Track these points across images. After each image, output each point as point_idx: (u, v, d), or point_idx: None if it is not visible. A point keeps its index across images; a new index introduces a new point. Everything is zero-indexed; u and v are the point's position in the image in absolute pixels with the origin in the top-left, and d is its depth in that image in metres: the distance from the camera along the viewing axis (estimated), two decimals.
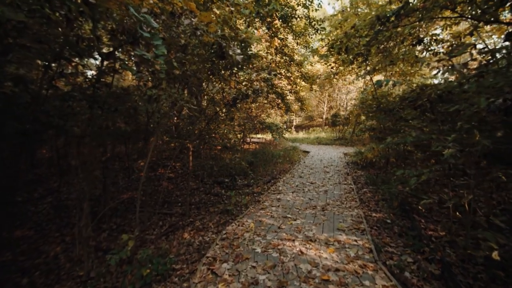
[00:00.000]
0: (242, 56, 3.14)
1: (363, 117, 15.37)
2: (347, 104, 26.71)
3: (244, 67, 5.16)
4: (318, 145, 18.29)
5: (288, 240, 3.36)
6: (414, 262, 3.28)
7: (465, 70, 3.32)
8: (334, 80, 17.38)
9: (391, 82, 3.18)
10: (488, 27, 8.99)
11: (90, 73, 4.63)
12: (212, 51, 3.74)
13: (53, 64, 3.90)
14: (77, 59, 3.71)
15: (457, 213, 3.15)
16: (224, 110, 6.03)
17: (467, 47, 3.20)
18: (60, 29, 3.24)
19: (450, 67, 3.07)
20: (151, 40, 2.23)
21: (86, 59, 3.86)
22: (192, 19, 2.86)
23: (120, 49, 3.93)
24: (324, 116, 28.87)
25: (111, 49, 3.84)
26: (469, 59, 3.23)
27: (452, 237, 3.81)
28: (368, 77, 8.78)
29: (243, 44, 3.91)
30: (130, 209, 5.94)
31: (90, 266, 3.61)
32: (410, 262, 3.27)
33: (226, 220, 4.91)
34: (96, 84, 3.80)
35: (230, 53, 3.11)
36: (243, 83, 6.38)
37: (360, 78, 18.73)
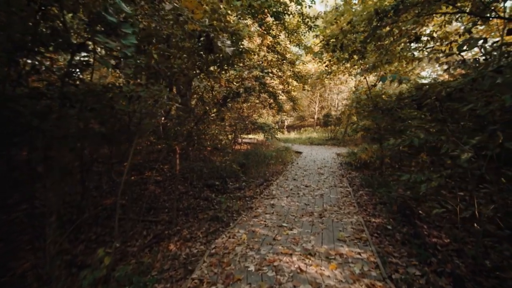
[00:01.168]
0: (232, 49, 2.78)
1: (354, 118, 15.25)
2: (338, 104, 26.71)
3: (235, 63, 4.79)
4: (310, 146, 18.09)
5: (284, 255, 3.01)
6: (422, 275, 3.00)
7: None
8: (326, 80, 17.24)
9: (397, 79, 2.90)
10: (479, 28, 8.95)
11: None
12: (200, 44, 3.37)
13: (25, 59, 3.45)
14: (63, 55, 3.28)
15: (475, 225, 2.87)
16: (214, 110, 5.65)
17: (477, 41, 2.94)
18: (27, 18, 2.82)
19: (461, 63, 2.80)
20: (119, 27, 1.84)
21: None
22: (176, 4, 2.48)
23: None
24: (315, 116, 28.77)
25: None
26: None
27: (459, 245, 3.56)
28: (361, 77, 8.56)
29: (233, 37, 3.55)
30: (113, 216, 5.47)
31: (60, 287, 3.17)
32: (418, 276, 2.99)
33: (216, 228, 4.54)
34: (69, 80, 3.36)
35: (219, 44, 2.74)
36: (234, 81, 6.02)
37: (352, 78, 18.67)
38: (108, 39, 1.80)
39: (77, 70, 3.48)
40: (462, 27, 7.03)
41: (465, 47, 2.93)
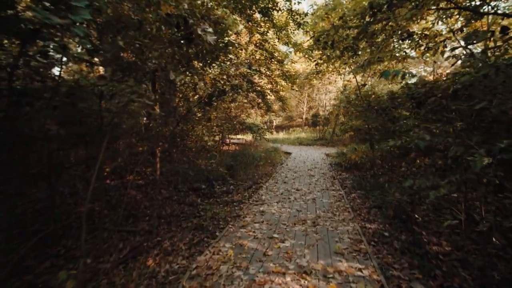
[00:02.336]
0: (214, 38, 2.40)
1: (342, 118, 15.17)
2: (326, 104, 26.73)
3: (221, 59, 4.39)
4: (299, 146, 17.90)
5: (277, 274, 2.64)
6: None
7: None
8: (314, 80, 17.07)
9: (401, 73, 2.61)
10: (464, 30, 8.95)
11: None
12: (179, 34, 2.96)
13: None
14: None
15: (493, 239, 2.61)
16: (198, 109, 5.23)
17: (485, 34, 2.68)
18: None
19: (469, 57, 2.54)
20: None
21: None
22: None
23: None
24: (304, 116, 28.72)
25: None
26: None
27: (462, 254, 3.32)
28: (355, 74, 8.35)
29: (217, 27, 3.16)
30: (88, 226, 4.94)
31: None
32: None
33: (201, 238, 4.14)
34: (34, 75, 2.89)
35: (199, 32, 2.35)
36: (221, 80, 5.62)
37: (341, 78, 18.61)
38: (51, 14, 1.38)
39: (36, 62, 3.00)
40: (446, 29, 6.93)
41: (472, 40, 2.67)
